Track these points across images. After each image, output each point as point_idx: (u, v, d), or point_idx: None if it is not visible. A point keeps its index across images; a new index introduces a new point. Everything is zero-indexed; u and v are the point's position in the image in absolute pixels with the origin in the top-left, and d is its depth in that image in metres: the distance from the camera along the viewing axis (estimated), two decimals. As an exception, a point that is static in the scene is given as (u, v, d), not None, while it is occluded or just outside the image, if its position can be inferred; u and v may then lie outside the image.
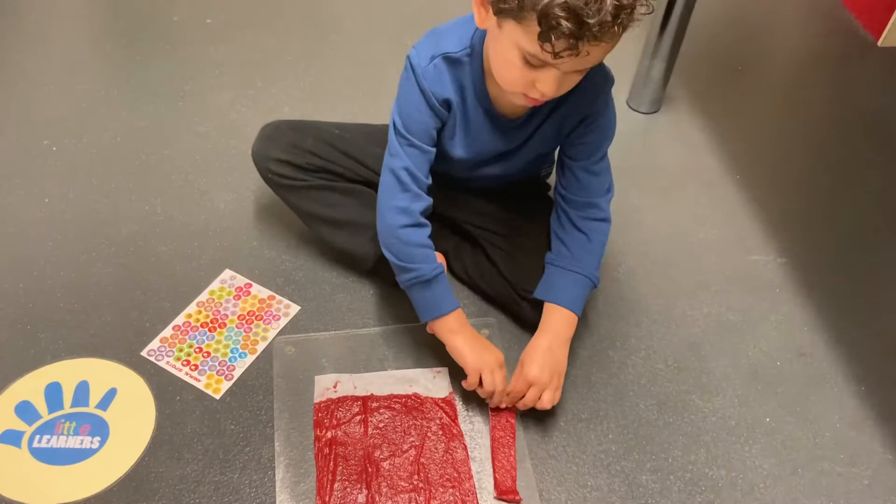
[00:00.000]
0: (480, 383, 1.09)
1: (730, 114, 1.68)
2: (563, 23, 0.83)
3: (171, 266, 1.30)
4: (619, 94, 1.68)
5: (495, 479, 1.07)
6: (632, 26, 0.89)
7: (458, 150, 1.14)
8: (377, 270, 1.26)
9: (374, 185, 1.24)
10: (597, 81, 1.07)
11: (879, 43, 1.87)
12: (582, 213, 1.15)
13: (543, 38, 0.86)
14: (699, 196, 1.50)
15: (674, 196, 1.50)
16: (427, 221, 1.11)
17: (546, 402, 1.09)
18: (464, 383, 1.11)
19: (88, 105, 1.59)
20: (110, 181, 1.44)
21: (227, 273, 1.30)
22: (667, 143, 1.61)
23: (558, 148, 1.17)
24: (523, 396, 1.09)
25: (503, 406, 1.12)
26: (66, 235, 1.34)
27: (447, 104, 1.07)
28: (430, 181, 1.10)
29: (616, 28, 0.85)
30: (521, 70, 0.94)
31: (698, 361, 1.23)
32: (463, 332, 1.11)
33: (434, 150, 1.10)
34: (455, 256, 1.28)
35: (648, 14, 0.91)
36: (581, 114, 1.09)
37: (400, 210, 1.08)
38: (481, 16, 0.96)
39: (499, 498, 1.06)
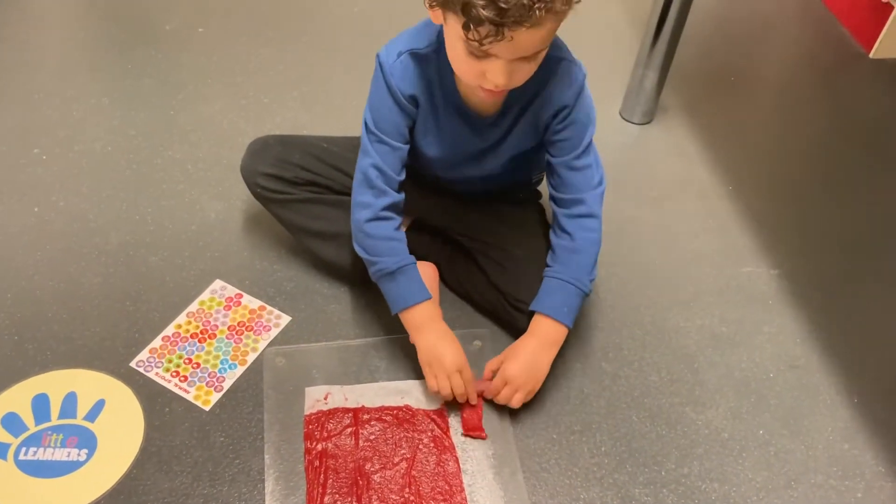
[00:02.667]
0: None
1: (723, 125, 1.69)
2: (482, 11, 0.86)
3: (161, 276, 1.29)
4: (612, 105, 1.69)
5: (463, 417, 1.11)
6: (568, 9, 0.91)
7: (432, 149, 1.14)
8: (366, 280, 1.25)
9: None
10: (568, 73, 1.07)
11: (871, 55, 1.88)
12: (568, 210, 1.14)
13: (466, 26, 0.89)
14: (692, 207, 1.50)
15: (667, 207, 1.50)
16: (394, 215, 1.13)
17: (516, 403, 1.11)
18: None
19: (80, 113, 1.58)
20: (101, 190, 1.43)
21: (218, 283, 1.29)
22: (660, 154, 1.61)
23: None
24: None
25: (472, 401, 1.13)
26: (55, 245, 1.33)
27: (414, 100, 1.09)
28: (401, 177, 1.12)
29: (537, 12, 0.87)
30: (468, 62, 0.96)
31: (691, 373, 1.23)
32: (428, 328, 1.11)
33: (405, 146, 1.11)
34: (448, 268, 1.28)
35: None
36: (554, 107, 1.09)
37: (365, 205, 1.11)
38: (434, 12, 0.97)
39: (466, 434, 1.10)
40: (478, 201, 1.27)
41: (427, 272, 1.24)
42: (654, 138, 1.64)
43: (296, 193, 1.22)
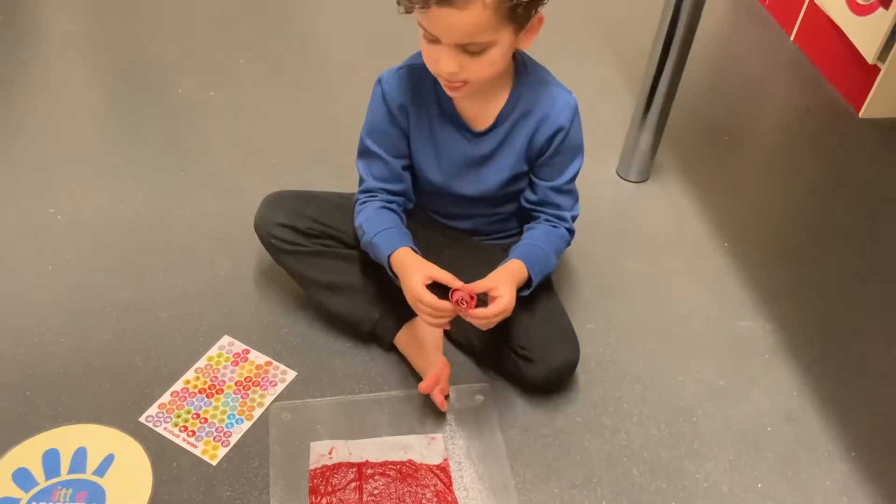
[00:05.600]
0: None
1: (717, 183, 1.73)
2: None
3: (170, 332, 1.32)
4: (609, 163, 1.74)
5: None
6: (506, 6, 0.99)
7: (428, 160, 1.21)
8: (375, 333, 1.29)
9: None
10: (560, 98, 1.16)
11: (860, 114, 1.94)
12: (552, 219, 1.24)
13: None
14: (688, 263, 1.54)
15: (663, 263, 1.53)
16: (374, 198, 1.22)
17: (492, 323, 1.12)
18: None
19: (94, 174, 1.63)
20: (113, 248, 1.47)
21: (226, 339, 1.32)
22: (656, 211, 1.65)
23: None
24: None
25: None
26: (67, 301, 1.36)
27: (404, 110, 1.17)
28: (392, 185, 1.22)
29: None
30: (425, 48, 1.06)
31: (690, 426, 1.24)
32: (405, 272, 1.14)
33: (396, 161, 1.20)
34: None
35: None
36: (553, 125, 1.16)
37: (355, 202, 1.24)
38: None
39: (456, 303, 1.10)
40: (482, 251, 1.31)
41: (431, 330, 1.27)
42: (651, 196, 1.69)
43: (308, 245, 1.26)
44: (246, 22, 2.14)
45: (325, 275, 1.27)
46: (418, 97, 1.17)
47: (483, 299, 1.12)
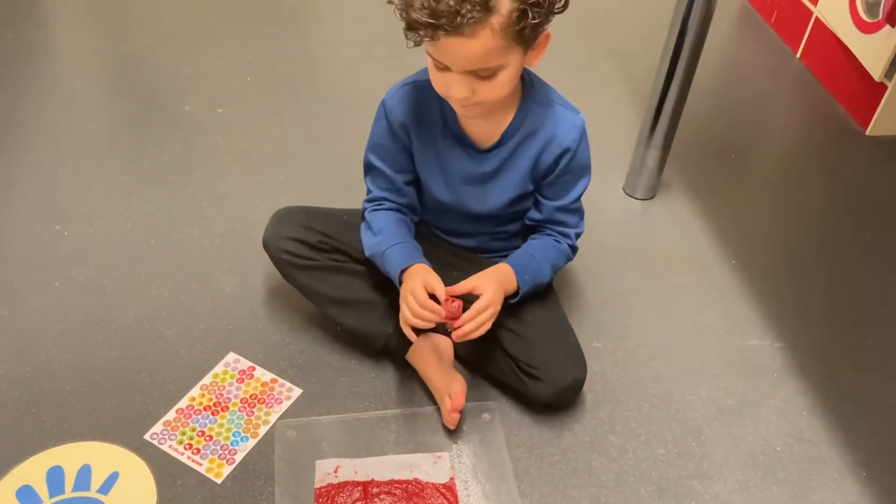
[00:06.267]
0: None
1: (725, 200, 1.73)
2: (416, 14, 0.97)
3: (176, 349, 1.32)
4: (616, 180, 1.73)
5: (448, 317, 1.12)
6: (512, 29, 0.99)
7: (433, 176, 1.22)
8: (388, 348, 1.28)
9: None
10: (567, 118, 1.16)
11: (867, 132, 1.94)
12: (557, 235, 1.24)
13: (407, 26, 0.99)
14: (696, 281, 1.53)
15: (671, 281, 1.53)
16: (381, 206, 1.24)
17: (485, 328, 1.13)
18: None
19: (100, 191, 1.64)
20: (119, 265, 1.47)
21: (231, 356, 1.32)
22: (663, 229, 1.65)
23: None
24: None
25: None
26: (74, 319, 1.36)
27: (405, 128, 1.18)
28: (397, 197, 1.23)
29: (466, 19, 0.95)
30: (435, 75, 1.06)
31: (698, 446, 1.23)
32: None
33: (398, 175, 1.22)
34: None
35: (538, 16, 1.00)
36: (559, 146, 1.16)
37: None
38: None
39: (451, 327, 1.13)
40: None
41: (442, 345, 1.27)
42: (658, 213, 1.69)
43: (319, 260, 1.25)
44: (253, 39, 2.15)
45: (336, 290, 1.27)
46: (423, 114, 1.17)
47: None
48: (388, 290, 1.27)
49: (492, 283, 1.14)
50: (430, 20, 0.96)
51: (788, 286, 1.54)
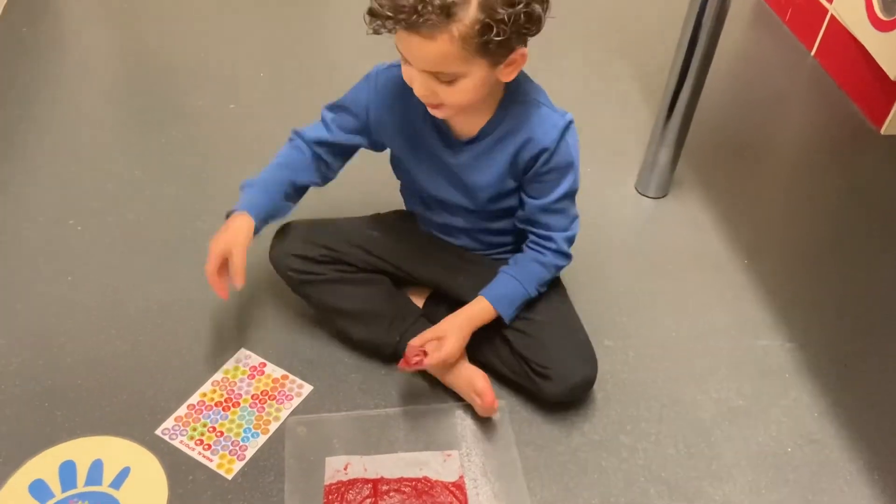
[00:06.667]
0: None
1: (738, 199, 1.72)
2: (376, 3, 0.98)
3: (188, 345, 1.33)
4: (628, 178, 1.73)
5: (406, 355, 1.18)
6: (474, 39, 0.97)
7: (412, 163, 1.23)
8: (397, 356, 1.29)
9: (387, 273, 1.30)
10: (547, 118, 1.14)
11: (882, 131, 1.92)
12: (538, 240, 1.22)
13: (368, 12, 0.99)
14: (708, 280, 1.52)
15: (682, 279, 1.52)
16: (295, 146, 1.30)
17: (432, 358, 1.16)
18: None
19: (114, 186, 1.65)
20: (132, 261, 1.48)
21: (243, 352, 1.32)
22: (675, 227, 1.64)
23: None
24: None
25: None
26: (87, 313, 1.37)
27: (375, 113, 1.20)
28: (305, 140, 1.29)
29: (421, 19, 0.95)
30: (403, 66, 1.07)
31: (708, 447, 1.23)
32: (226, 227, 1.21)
33: (335, 134, 1.25)
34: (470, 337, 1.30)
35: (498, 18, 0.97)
36: (537, 145, 1.14)
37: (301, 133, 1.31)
38: None
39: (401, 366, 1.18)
40: (485, 267, 1.30)
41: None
42: (670, 211, 1.68)
43: (323, 273, 1.26)
44: (267, 35, 2.15)
45: (341, 301, 1.28)
46: (406, 98, 1.15)
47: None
48: (392, 297, 1.29)
49: (457, 336, 1.18)
50: (389, 13, 0.97)
51: (801, 286, 1.53)
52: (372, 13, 0.99)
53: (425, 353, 1.16)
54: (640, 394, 1.30)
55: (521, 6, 0.97)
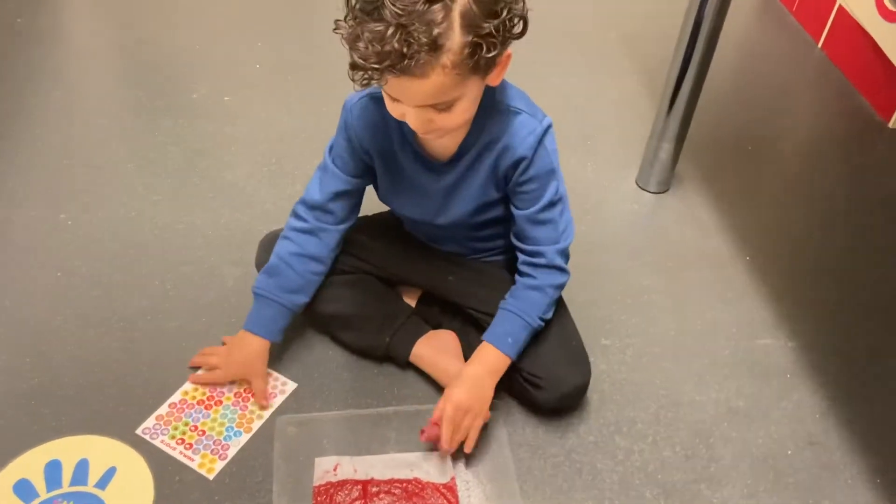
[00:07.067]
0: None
1: (740, 194, 1.69)
2: (357, 56, 0.91)
3: (177, 342, 1.31)
4: (629, 173, 1.70)
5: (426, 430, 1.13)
6: (465, 67, 0.93)
7: (395, 190, 1.19)
8: (389, 356, 1.27)
9: (376, 276, 1.29)
10: (524, 126, 1.09)
11: (890, 125, 1.88)
12: (529, 258, 1.17)
13: (351, 66, 0.92)
14: (708, 277, 1.50)
15: (683, 277, 1.49)
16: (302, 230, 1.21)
17: (474, 432, 1.12)
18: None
19: (106, 180, 1.63)
20: (122, 256, 1.46)
21: (232, 350, 1.30)
22: (676, 223, 1.61)
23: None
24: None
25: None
26: (75, 310, 1.35)
27: (364, 142, 1.15)
28: (333, 211, 1.20)
29: (408, 62, 0.89)
30: (390, 103, 1.01)
31: (706, 449, 1.20)
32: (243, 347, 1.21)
33: (351, 180, 1.18)
34: (460, 340, 1.28)
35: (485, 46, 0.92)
36: (514, 155, 1.09)
37: (300, 212, 1.22)
38: None
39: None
40: (488, 277, 1.27)
41: (447, 340, 1.25)
42: (671, 207, 1.65)
43: None
44: (263, 27, 2.13)
45: (329, 305, 1.26)
46: (382, 128, 1.12)
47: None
48: (380, 298, 1.27)
49: (453, 395, 1.11)
50: (375, 65, 0.89)
51: (804, 284, 1.50)
52: (356, 67, 0.92)
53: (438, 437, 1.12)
54: (637, 394, 1.27)
55: (504, 14, 0.92)
